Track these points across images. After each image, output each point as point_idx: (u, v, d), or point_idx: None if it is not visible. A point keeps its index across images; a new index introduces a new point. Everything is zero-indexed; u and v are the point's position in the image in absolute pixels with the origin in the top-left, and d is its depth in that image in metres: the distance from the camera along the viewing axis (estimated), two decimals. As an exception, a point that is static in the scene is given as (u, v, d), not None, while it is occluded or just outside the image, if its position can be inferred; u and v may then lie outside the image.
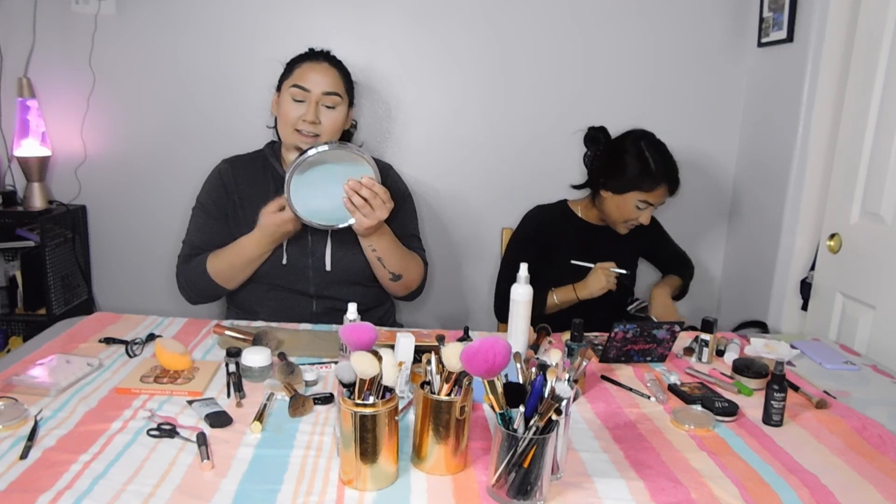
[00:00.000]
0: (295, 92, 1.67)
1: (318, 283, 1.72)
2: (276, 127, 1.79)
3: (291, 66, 1.73)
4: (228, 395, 1.21)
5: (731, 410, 1.21)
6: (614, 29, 2.29)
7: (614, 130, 2.35)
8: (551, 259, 1.93)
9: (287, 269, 1.70)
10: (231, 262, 1.67)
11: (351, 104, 1.79)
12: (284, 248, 1.70)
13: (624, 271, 1.86)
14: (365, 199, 1.51)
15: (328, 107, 1.68)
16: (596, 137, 1.99)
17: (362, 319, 1.58)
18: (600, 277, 1.85)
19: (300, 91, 1.66)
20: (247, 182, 1.76)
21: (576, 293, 1.89)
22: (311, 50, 1.77)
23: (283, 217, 1.56)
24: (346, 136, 1.89)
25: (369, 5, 2.24)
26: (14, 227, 2.26)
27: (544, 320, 1.62)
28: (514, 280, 1.57)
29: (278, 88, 1.75)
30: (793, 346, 1.59)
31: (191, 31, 2.22)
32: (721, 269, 2.51)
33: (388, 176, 1.87)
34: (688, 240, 2.45)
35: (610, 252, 1.93)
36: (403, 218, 1.87)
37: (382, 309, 1.86)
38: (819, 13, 1.94)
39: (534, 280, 1.56)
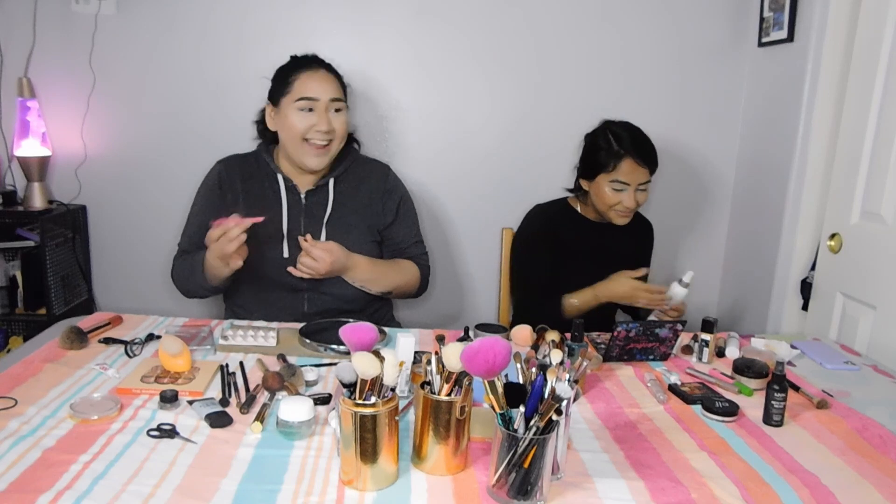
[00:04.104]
0: (302, 104, 1.66)
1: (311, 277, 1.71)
2: (262, 135, 1.82)
3: (286, 77, 1.69)
4: (226, 402, 1.19)
5: (731, 410, 1.21)
6: (614, 29, 2.29)
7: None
8: (560, 258, 1.91)
9: (284, 262, 1.70)
10: (196, 269, 1.68)
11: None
12: (285, 241, 1.70)
13: (644, 272, 1.81)
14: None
15: (336, 111, 1.70)
16: None
17: (356, 317, 1.59)
18: (625, 284, 1.78)
19: (308, 101, 1.66)
20: (242, 180, 1.78)
21: (595, 295, 1.82)
22: (298, 57, 1.75)
23: (220, 243, 1.52)
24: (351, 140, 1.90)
25: (369, 4, 2.24)
26: (14, 226, 2.26)
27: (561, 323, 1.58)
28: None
29: (274, 103, 1.72)
30: (793, 346, 1.59)
31: (191, 31, 2.22)
32: (721, 269, 2.51)
33: (387, 177, 1.88)
34: (688, 240, 2.45)
35: (611, 250, 1.93)
36: (405, 225, 1.88)
37: (376, 305, 1.86)
38: (819, 13, 1.94)
39: (546, 282, 1.54)
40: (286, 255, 1.71)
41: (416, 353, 1.27)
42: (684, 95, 2.35)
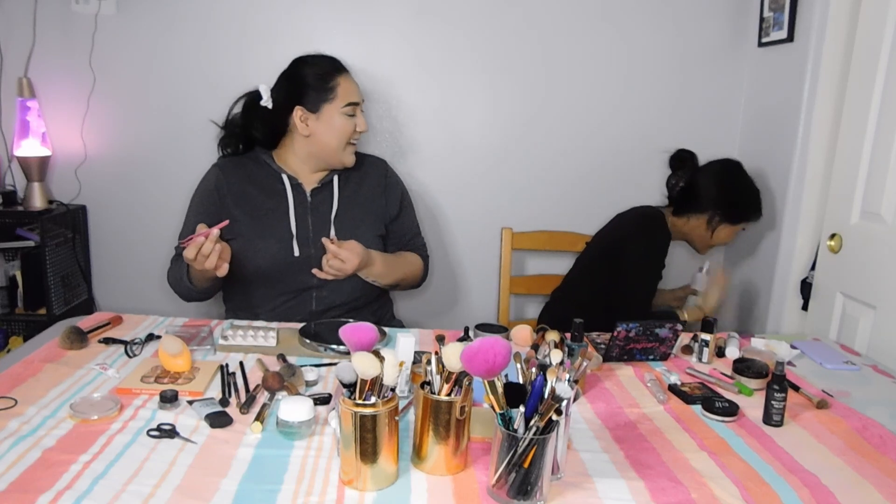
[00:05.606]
0: (349, 109, 1.72)
1: None
2: (264, 137, 1.80)
3: (326, 83, 1.69)
4: (226, 402, 1.19)
5: (731, 410, 1.21)
6: (614, 29, 2.29)
7: (615, 130, 2.35)
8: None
9: (294, 261, 1.70)
10: (183, 277, 1.67)
11: None
12: (294, 239, 1.70)
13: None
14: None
15: (361, 110, 1.77)
16: (683, 158, 2.00)
17: (358, 316, 1.59)
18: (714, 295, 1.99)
19: (354, 107, 1.72)
20: (240, 182, 1.77)
21: (701, 308, 2.00)
22: (330, 60, 1.75)
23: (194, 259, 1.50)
24: None
25: (369, 4, 2.24)
26: (14, 226, 2.26)
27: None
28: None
29: (312, 109, 1.70)
30: (793, 346, 1.59)
31: (191, 30, 2.22)
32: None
33: (386, 172, 1.89)
34: (688, 240, 2.44)
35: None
36: (408, 217, 1.89)
37: (379, 303, 1.86)
38: (819, 13, 1.94)
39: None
40: (297, 254, 1.71)
41: (416, 353, 1.27)
42: (684, 95, 2.35)
